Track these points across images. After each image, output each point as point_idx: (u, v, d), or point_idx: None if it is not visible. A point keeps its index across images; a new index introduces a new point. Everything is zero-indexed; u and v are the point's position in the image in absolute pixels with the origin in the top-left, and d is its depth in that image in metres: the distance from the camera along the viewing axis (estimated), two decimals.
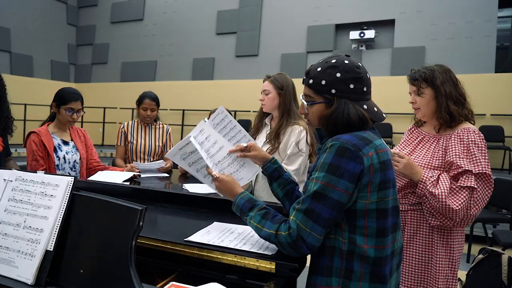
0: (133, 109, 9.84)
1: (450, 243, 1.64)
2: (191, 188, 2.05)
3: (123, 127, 2.96)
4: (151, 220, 1.43)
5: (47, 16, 10.35)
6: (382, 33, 7.63)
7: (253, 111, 7.83)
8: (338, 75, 1.09)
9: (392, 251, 1.09)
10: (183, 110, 9.06)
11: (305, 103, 1.17)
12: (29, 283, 0.97)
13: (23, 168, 2.30)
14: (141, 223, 0.94)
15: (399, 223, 1.13)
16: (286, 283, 1.02)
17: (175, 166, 2.78)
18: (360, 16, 7.75)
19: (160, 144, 2.96)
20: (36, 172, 1.12)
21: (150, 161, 2.89)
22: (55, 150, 2.26)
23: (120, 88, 10.06)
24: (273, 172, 1.31)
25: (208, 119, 1.49)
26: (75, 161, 2.33)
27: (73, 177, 1.06)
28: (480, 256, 2.31)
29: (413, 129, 1.89)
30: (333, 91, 1.10)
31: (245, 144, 1.36)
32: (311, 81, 1.14)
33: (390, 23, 7.56)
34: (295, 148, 2.04)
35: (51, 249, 1.00)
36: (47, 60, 10.41)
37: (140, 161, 2.87)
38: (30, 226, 1.04)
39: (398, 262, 1.15)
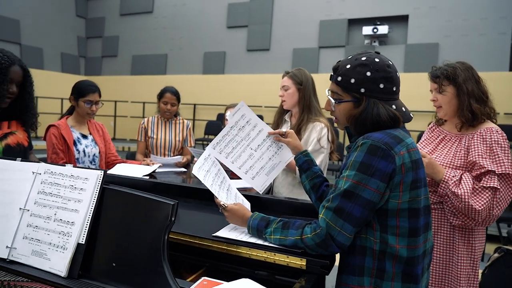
0: (144, 103, 9.86)
1: (471, 242, 1.63)
2: None
3: (143, 123, 2.97)
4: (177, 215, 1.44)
5: (55, 7, 10.37)
6: (396, 29, 7.54)
7: (265, 106, 7.81)
8: (368, 74, 1.07)
9: (424, 251, 1.08)
10: (194, 105, 9.07)
11: (332, 100, 1.15)
12: (62, 275, 0.98)
13: (42, 161, 2.31)
14: (173, 218, 0.94)
15: (430, 222, 1.12)
16: (317, 280, 1.01)
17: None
18: (373, 11, 7.66)
19: (180, 139, 2.97)
20: (65, 166, 1.12)
21: (170, 157, 2.90)
22: (74, 144, 2.27)
23: (130, 82, 10.10)
24: (303, 163, 1.33)
25: (227, 114, 1.49)
26: (94, 154, 2.35)
27: (102, 171, 1.06)
28: (496, 255, 2.29)
29: (433, 127, 1.87)
30: (362, 90, 1.08)
31: (284, 130, 1.43)
32: (339, 78, 1.12)
33: (404, 18, 7.46)
34: (317, 145, 2.03)
35: (83, 242, 1.00)
36: (57, 52, 10.46)
37: (160, 156, 2.88)
38: (60, 219, 1.05)
39: (429, 262, 1.15)
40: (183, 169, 2.69)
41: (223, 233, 1.19)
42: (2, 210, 1.11)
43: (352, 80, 1.09)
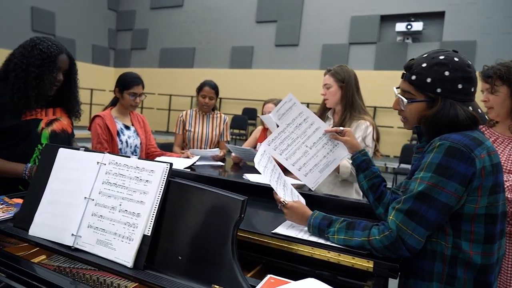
0: (171, 96, 9.99)
1: None
2: (252, 178, 2.04)
3: (182, 116, 3.00)
4: None
5: (88, 0, 10.60)
6: (431, 25, 7.33)
7: None
8: (447, 73, 1.03)
9: (497, 258, 1.03)
10: (220, 99, 9.10)
11: (404, 100, 1.11)
12: (129, 266, 0.98)
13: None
14: (242, 215, 0.93)
15: (505, 229, 1.07)
16: (385, 284, 0.98)
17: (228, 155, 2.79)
18: (407, 7, 7.47)
19: (217, 133, 2.98)
20: (130, 157, 1.13)
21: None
22: (118, 134, 2.31)
23: (158, 74, 10.23)
24: (361, 163, 1.31)
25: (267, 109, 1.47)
26: (136, 145, 2.38)
27: (169, 164, 1.06)
28: None
29: (484, 129, 1.79)
30: (439, 90, 1.04)
31: (342, 128, 1.41)
32: (413, 77, 1.08)
33: (440, 15, 7.24)
34: (362, 144, 1.99)
35: (149, 234, 1.00)
36: (89, 44, 10.70)
37: (197, 149, 2.90)
38: (126, 210, 1.05)
39: (499, 270, 1.10)
40: (220, 163, 2.69)
41: (282, 230, 1.18)
42: (67, 198, 1.13)
43: (428, 80, 1.05)
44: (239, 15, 9.41)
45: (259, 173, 1.38)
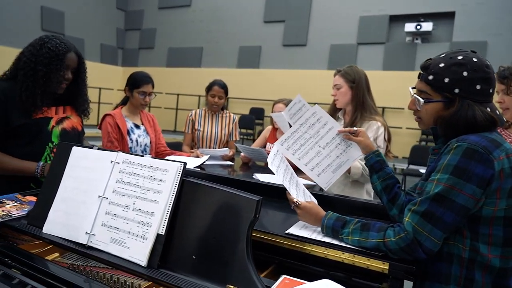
0: (178, 95, 10.00)
1: None
2: (262, 177, 2.03)
3: (191, 115, 3.00)
4: None
5: (97, 0, 10.67)
6: (441, 26, 7.27)
7: None
8: (465, 74, 1.02)
9: None
10: (228, 98, 9.08)
11: (421, 100, 1.10)
12: (143, 265, 0.98)
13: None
14: (258, 215, 0.93)
15: None
16: (401, 286, 0.97)
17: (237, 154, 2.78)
18: (417, 7, 7.41)
19: (226, 132, 2.98)
20: (144, 156, 1.13)
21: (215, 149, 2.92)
22: (128, 133, 2.31)
23: (166, 73, 10.26)
24: (375, 163, 1.30)
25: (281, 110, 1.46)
26: (146, 144, 2.39)
27: (183, 163, 1.06)
28: None
29: (499, 130, 1.77)
30: (456, 90, 1.03)
31: (355, 128, 1.41)
32: (430, 77, 1.07)
33: (450, 15, 7.17)
34: (373, 145, 1.97)
35: (163, 233, 1.00)
36: (97, 43, 10.77)
37: (207, 148, 2.91)
38: (139, 209, 1.05)
39: None
40: (230, 163, 2.69)
41: (295, 230, 1.17)
42: (81, 196, 1.14)
43: (446, 80, 1.03)
44: (247, 14, 9.41)
45: (269, 173, 1.38)
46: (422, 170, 5.45)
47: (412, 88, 1.16)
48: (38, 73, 1.57)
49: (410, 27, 7.24)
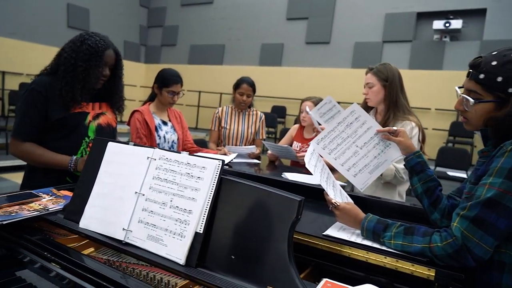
0: (200, 92, 10.03)
1: None
2: (291, 177, 2.00)
3: (217, 112, 2.99)
4: None
5: None
6: (471, 23, 7.02)
7: None
8: None
9: None
10: None
11: (471, 100, 1.04)
12: (181, 263, 0.97)
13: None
14: (299, 216, 0.90)
15: None
16: None
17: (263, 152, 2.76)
18: (446, 3, 7.18)
19: (253, 130, 2.96)
20: (181, 153, 1.12)
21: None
22: (156, 129, 2.32)
23: (187, 71, 10.28)
24: (416, 165, 1.25)
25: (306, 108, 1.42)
26: (173, 141, 2.39)
27: (220, 161, 1.04)
28: None
29: None
30: (510, 90, 0.97)
31: (395, 128, 1.36)
32: (482, 76, 1.01)
33: (481, 12, 6.92)
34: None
35: (201, 232, 0.99)
36: (121, 40, 10.92)
37: (233, 146, 2.89)
38: (177, 206, 1.04)
39: None
40: (256, 161, 2.67)
41: (333, 232, 1.14)
42: (118, 192, 1.13)
43: (499, 79, 0.98)
44: (269, 12, 9.35)
45: (298, 172, 1.35)
46: (450, 173, 5.29)
47: (459, 87, 1.10)
48: (78, 69, 1.60)
49: (438, 24, 7.02)
